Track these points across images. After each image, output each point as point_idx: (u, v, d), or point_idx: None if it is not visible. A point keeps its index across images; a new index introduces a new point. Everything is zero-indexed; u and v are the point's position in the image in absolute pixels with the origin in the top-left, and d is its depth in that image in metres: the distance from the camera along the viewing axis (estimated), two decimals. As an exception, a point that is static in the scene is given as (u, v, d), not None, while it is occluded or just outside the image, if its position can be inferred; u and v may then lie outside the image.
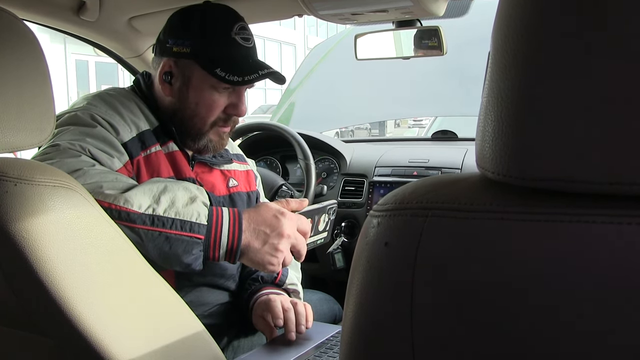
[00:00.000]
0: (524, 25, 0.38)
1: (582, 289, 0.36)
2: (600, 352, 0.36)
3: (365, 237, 0.46)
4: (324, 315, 1.52)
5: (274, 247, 1.04)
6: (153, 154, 1.16)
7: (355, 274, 0.46)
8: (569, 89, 0.36)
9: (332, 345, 1.14)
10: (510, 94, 0.39)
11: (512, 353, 0.39)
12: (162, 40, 1.21)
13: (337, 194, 2.03)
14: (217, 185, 1.28)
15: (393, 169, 1.99)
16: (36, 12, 1.50)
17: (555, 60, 0.37)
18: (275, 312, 1.18)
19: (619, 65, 0.35)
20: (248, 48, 1.20)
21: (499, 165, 0.40)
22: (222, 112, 1.20)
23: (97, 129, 1.07)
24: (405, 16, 1.43)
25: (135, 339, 0.77)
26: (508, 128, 0.39)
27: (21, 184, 0.70)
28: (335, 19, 1.46)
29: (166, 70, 1.19)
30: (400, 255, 0.43)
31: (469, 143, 2.15)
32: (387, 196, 0.47)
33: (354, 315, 0.46)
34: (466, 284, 0.40)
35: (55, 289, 0.69)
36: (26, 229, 0.68)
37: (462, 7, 1.94)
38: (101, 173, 0.98)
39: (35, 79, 0.75)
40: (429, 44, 1.49)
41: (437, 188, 0.44)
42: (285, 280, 1.34)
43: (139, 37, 1.73)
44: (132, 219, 0.93)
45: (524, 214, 0.39)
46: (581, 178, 0.36)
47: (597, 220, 0.36)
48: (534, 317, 0.38)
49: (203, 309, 1.22)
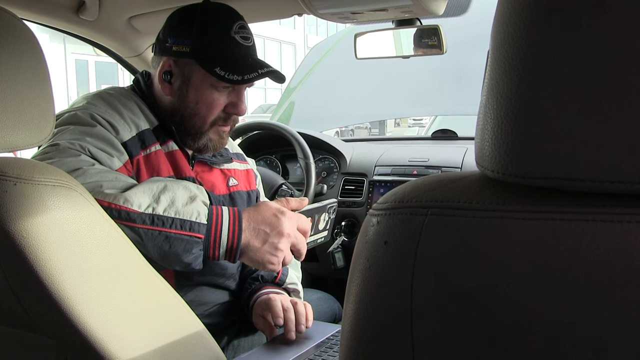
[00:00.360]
0: (523, 23, 0.38)
1: (583, 288, 0.36)
2: (601, 350, 0.36)
3: (364, 236, 0.46)
4: (324, 315, 1.52)
5: (274, 246, 1.04)
6: (153, 153, 1.16)
7: (354, 272, 0.46)
8: (568, 87, 0.36)
9: (332, 344, 1.14)
10: (509, 93, 0.39)
11: (513, 352, 0.39)
12: (161, 40, 1.21)
13: (337, 193, 2.03)
14: (217, 185, 1.28)
15: (393, 168, 1.99)
16: (36, 11, 1.50)
17: (555, 59, 0.37)
18: (275, 311, 1.18)
19: (620, 63, 0.35)
20: (248, 47, 1.20)
21: (498, 163, 0.40)
22: (221, 111, 1.20)
23: (97, 128, 1.07)
24: (405, 15, 1.43)
25: (135, 338, 0.77)
26: (507, 126, 0.39)
27: (21, 184, 0.70)
28: (334, 18, 1.46)
29: (166, 70, 1.19)
30: (399, 253, 0.43)
31: (469, 142, 2.15)
32: (387, 195, 0.47)
33: (354, 314, 0.45)
34: (466, 282, 0.40)
35: (55, 288, 0.69)
36: (26, 228, 0.68)
37: (461, 6, 1.94)
38: (101, 172, 0.98)
39: (35, 78, 0.75)
40: (428, 43, 1.49)
41: (437, 187, 0.44)
42: (286, 280, 1.34)
43: (139, 37, 1.73)
44: (131, 218, 0.93)
45: (523, 212, 0.39)
46: (581, 176, 0.36)
47: (597, 218, 0.36)
48: (534, 316, 0.38)
49: (203, 309, 1.22)
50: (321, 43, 3.82)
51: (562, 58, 0.36)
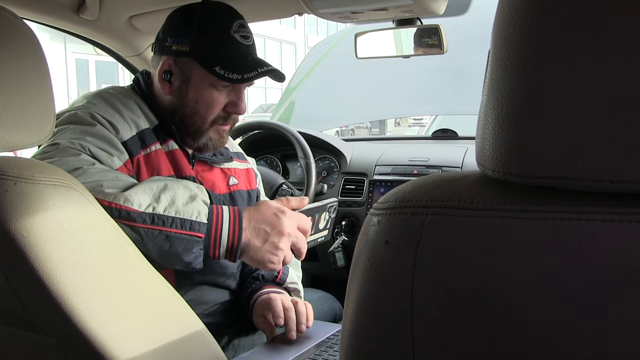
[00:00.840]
0: (524, 23, 0.38)
1: (583, 287, 0.36)
2: (601, 349, 0.36)
3: (365, 236, 0.46)
4: (324, 314, 1.52)
5: (274, 246, 1.04)
6: (153, 152, 1.16)
7: (355, 272, 0.46)
8: (569, 87, 0.36)
9: (333, 344, 1.14)
10: (510, 92, 0.39)
11: (513, 352, 0.39)
12: (161, 39, 1.21)
13: (337, 192, 2.03)
14: (218, 184, 1.28)
15: (393, 168, 1.99)
16: (36, 10, 1.50)
17: (556, 58, 0.37)
18: (275, 311, 1.18)
19: (620, 63, 0.35)
20: (247, 46, 1.20)
21: (499, 163, 0.40)
22: (221, 110, 1.20)
23: (97, 127, 1.07)
24: (406, 14, 1.43)
25: (135, 337, 0.77)
26: (508, 126, 0.39)
27: (21, 183, 0.70)
28: (335, 17, 1.45)
29: (165, 69, 1.19)
30: (400, 253, 0.43)
31: (470, 142, 2.15)
32: (387, 194, 0.47)
33: (354, 313, 0.45)
34: (466, 281, 0.40)
35: (56, 287, 0.69)
36: (26, 228, 0.68)
37: (462, 6, 1.94)
38: (101, 172, 0.98)
39: (35, 77, 0.75)
40: (429, 43, 1.49)
41: (437, 186, 0.44)
42: (286, 279, 1.34)
43: (139, 36, 1.73)
44: (132, 218, 0.93)
45: (524, 212, 0.38)
46: (582, 176, 0.36)
47: (598, 218, 0.36)
48: (534, 315, 0.38)
49: (203, 308, 1.22)
50: (321, 43, 3.82)
51: (563, 57, 0.36)
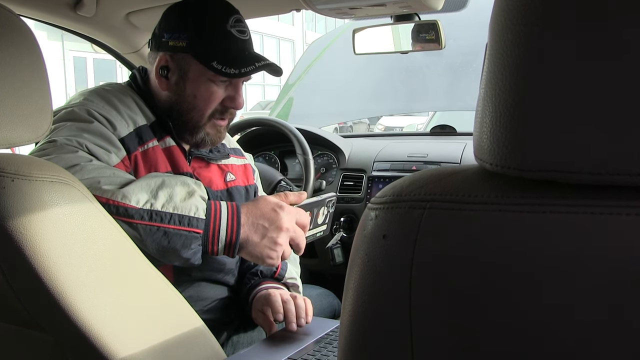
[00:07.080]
0: (522, 15, 0.38)
1: (582, 280, 0.36)
2: (602, 345, 0.36)
3: (363, 230, 0.46)
4: (323, 310, 1.52)
5: (272, 241, 1.04)
6: (150, 149, 1.16)
7: (353, 267, 0.46)
8: (567, 80, 0.36)
9: (332, 340, 1.14)
10: (507, 86, 0.39)
11: (513, 348, 0.39)
12: (157, 35, 1.21)
13: (336, 189, 2.03)
14: (215, 180, 1.28)
15: (392, 164, 1.99)
16: (33, 7, 1.50)
17: (554, 51, 0.37)
18: (275, 306, 1.18)
19: (617, 56, 0.35)
20: (244, 40, 1.19)
21: (496, 156, 0.40)
22: (219, 105, 1.20)
23: (94, 124, 1.07)
24: (404, 10, 1.43)
25: (134, 334, 0.77)
26: (506, 119, 0.39)
27: (19, 180, 0.69)
28: (333, 13, 1.45)
29: (162, 65, 1.19)
30: (398, 247, 0.43)
31: (468, 138, 2.15)
32: (385, 188, 0.47)
33: (353, 307, 0.45)
34: (464, 274, 0.40)
35: (54, 284, 0.69)
36: (24, 224, 0.68)
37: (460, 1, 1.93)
38: (98, 168, 0.98)
39: (32, 75, 0.75)
40: (427, 38, 1.49)
41: (435, 180, 0.44)
42: (285, 275, 1.34)
43: (137, 33, 1.72)
44: (130, 214, 0.93)
45: (522, 205, 0.38)
46: (581, 168, 0.36)
47: (597, 211, 0.36)
48: (532, 307, 0.38)
49: (202, 304, 1.22)
50: (319, 39, 3.82)
51: (560, 51, 0.36)
